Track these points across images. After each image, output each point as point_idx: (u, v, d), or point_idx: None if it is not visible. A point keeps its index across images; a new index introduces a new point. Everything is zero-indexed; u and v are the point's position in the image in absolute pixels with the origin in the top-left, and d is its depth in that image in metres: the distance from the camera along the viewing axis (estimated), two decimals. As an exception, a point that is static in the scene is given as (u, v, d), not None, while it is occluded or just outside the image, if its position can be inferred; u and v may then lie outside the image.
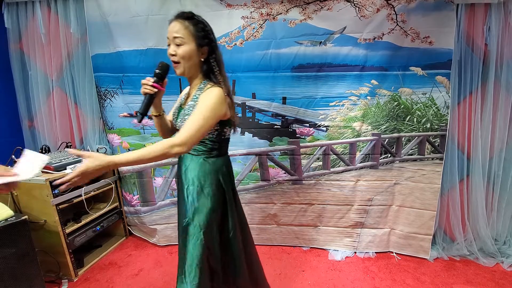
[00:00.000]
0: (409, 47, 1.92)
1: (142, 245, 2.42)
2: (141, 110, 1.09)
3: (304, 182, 2.23)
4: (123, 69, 2.14)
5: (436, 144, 2.06)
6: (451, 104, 1.98)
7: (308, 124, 2.13)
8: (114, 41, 2.09)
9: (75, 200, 1.98)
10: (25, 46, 2.29)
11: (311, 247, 2.31)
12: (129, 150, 2.29)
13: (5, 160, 1.91)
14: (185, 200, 1.15)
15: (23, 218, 1.56)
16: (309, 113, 2.12)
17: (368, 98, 2.04)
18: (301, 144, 2.17)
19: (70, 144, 2.34)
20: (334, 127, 2.11)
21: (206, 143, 1.15)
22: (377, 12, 1.88)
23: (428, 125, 2.04)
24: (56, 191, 1.83)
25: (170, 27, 1.09)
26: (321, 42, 1.98)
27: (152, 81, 1.10)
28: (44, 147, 2.19)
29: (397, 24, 1.88)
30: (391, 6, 1.86)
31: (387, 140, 2.11)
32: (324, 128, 2.13)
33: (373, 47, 1.94)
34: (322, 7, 1.92)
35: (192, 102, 1.12)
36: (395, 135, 2.09)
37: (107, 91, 2.23)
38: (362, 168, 2.17)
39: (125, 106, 2.23)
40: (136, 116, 1.11)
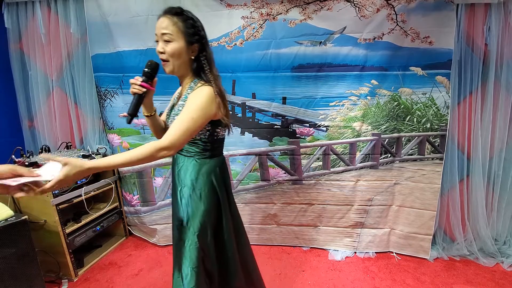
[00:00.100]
0: (409, 47, 1.92)
1: (142, 245, 2.42)
2: (129, 110, 1.06)
3: (304, 182, 2.23)
4: (123, 69, 2.14)
5: (436, 144, 2.06)
6: (451, 104, 1.98)
7: (308, 124, 2.13)
8: (114, 41, 2.09)
9: (75, 200, 1.98)
10: (25, 46, 2.29)
11: (311, 247, 2.31)
12: (129, 150, 2.29)
13: (5, 160, 1.91)
14: (178, 202, 1.13)
15: (23, 218, 1.56)
16: (309, 113, 2.12)
17: (368, 98, 2.04)
18: (301, 144, 2.17)
19: (70, 144, 2.34)
20: (334, 127, 2.11)
21: (198, 144, 1.12)
22: (377, 12, 1.88)
23: (428, 125, 2.04)
24: (56, 191, 1.83)
25: (158, 23, 1.04)
26: (321, 42, 1.98)
27: (141, 80, 1.07)
28: (44, 147, 2.18)
29: (397, 24, 1.88)
30: (391, 6, 1.86)
31: (387, 140, 2.11)
32: (324, 128, 2.13)
33: (373, 47, 1.94)
34: (322, 7, 1.92)
35: (182, 102, 1.09)
36: (395, 135, 2.09)
37: (107, 91, 2.23)
38: (362, 168, 2.17)
39: (125, 106, 2.23)
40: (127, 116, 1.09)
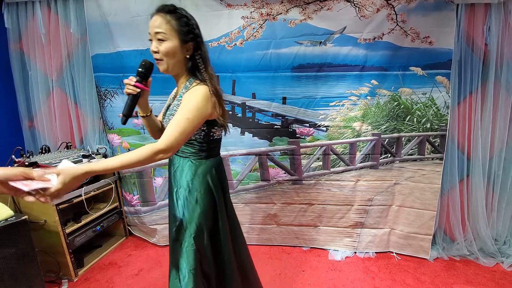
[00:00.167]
0: (409, 47, 1.92)
1: (142, 245, 2.42)
2: (124, 111, 1.04)
3: (304, 182, 2.23)
4: (123, 69, 2.14)
5: (436, 144, 2.06)
6: (451, 104, 1.98)
7: (308, 124, 2.13)
8: (114, 41, 2.09)
9: (75, 200, 1.98)
10: (25, 46, 2.29)
11: (311, 247, 2.31)
12: (129, 150, 2.29)
13: (5, 160, 1.91)
14: (174, 204, 1.12)
15: (23, 218, 1.56)
16: (309, 113, 2.12)
17: (368, 98, 2.04)
18: (301, 144, 2.17)
19: (70, 144, 2.34)
20: (334, 127, 2.11)
21: (194, 144, 1.10)
22: (377, 12, 1.88)
23: (428, 125, 2.04)
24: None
25: (151, 22, 1.02)
26: (321, 42, 1.98)
27: (135, 80, 1.05)
28: (44, 147, 2.18)
29: (397, 24, 1.88)
30: (391, 6, 1.86)
31: (387, 140, 2.11)
32: (324, 128, 2.13)
33: (373, 47, 1.94)
34: (322, 7, 1.92)
35: (177, 102, 1.08)
36: (395, 135, 2.09)
37: (107, 91, 2.23)
38: (362, 168, 2.17)
39: (125, 106, 2.23)
40: (122, 117, 1.07)
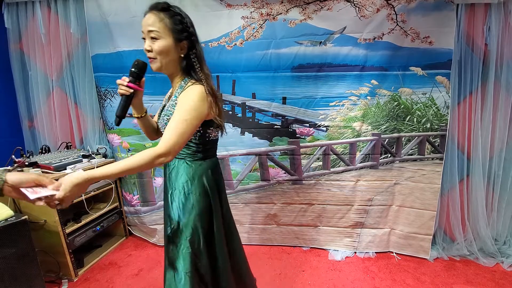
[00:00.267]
0: (409, 47, 1.92)
1: (142, 245, 2.42)
2: (117, 112, 1.02)
3: (304, 182, 2.23)
4: (123, 69, 2.13)
5: (436, 144, 2.06)
6: (451, 104, 1.98)
7: (308, 124, 2.13)
8: (114, 41, 2.09)
9: (75, 200, 1.97)
10: (25, 46, 2.29)
11: (311, 247, 2.31)
12: (129, 150, 2.30)
13: (5, 160, 1.91)
14: (169, 206, 1.11)
15: (23, 218, 1.55)
16: (309, 113, 2.12)
17: (368, 98, 2.04)
18: (301, 144, 2.17)
19: (70, 144, 2.34)
20: (334, 127, 2.11)
21: (189, 145, 1.09)
22: (377, 12, 1.88)
23: (428, 125, 2.04)
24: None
25: (144, 20, 1.00)
26: (321, 42, 1.98)
27: (128, 80, 1.03)
28: (44, 147, 2.18)
29: (397, 24, 1.88)
30: (391, 6, 1.86)
31: (387, 140, 2.11)
32: (324, 128, 2.13)
33: (373, 47, 1.94)
34: (322, 7, 1.92)
35: (172, 102, 1.06)
36: (395, 135, 2.09)
37: (107, 91, 2.23)
38: (362, 168, 2.17)
39: (125, 106, 2.23)
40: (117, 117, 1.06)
